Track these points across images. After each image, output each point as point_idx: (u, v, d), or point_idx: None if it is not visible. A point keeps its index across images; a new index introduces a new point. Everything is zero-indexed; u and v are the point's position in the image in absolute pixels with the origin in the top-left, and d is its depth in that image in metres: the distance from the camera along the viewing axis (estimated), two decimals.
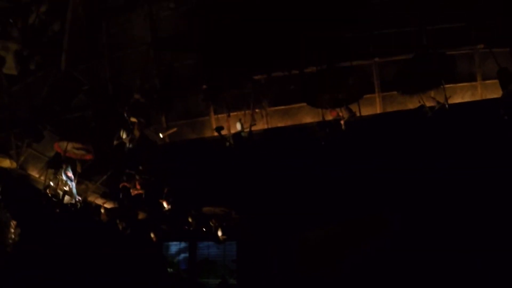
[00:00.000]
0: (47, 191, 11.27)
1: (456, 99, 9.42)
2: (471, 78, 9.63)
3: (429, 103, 8.80)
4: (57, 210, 11.27)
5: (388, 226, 11.30)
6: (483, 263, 9.30)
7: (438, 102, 8.67)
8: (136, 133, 9.72)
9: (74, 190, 11.36)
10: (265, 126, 10.51)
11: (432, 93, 8.88)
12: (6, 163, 12.09)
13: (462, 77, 9.51)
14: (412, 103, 9.25)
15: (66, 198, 11.40)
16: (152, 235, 13.51)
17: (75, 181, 11.35)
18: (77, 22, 10.50)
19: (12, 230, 10.86)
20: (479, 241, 9.39)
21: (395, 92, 9.44)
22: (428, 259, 9.90)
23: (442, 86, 8.59)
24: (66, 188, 11.28)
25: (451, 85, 9.13)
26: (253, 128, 9.63)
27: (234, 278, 15.01)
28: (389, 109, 9.99)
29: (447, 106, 8.48)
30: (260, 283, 14.08)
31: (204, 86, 9.79)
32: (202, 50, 9.85)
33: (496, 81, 8.10)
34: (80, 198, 11.71)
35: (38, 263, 11.74)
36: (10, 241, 10.77)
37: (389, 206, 11.06)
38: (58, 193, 11.22)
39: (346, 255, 12.18)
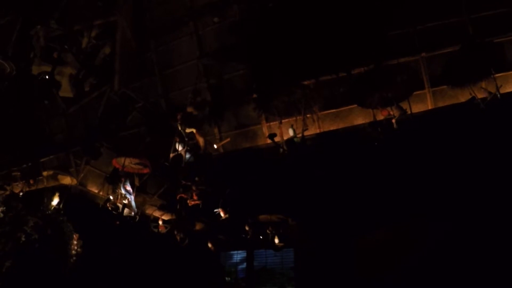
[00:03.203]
0: (107, 204, 12.41)
1: (509, 88, 9.46)
2: None
3: (480, 94, 9.03)
4: (117, 222, 12.40)
5: (444, 227, 11.18)
6: None
7: (489, 93, 8.89)
8: (201, 140, 10.54)
9: (133, 203, 12.47)
10: (317, 130, 10.96)
11: (483, 84, 9.08)
12: (67, 180, 13.70)
13: None
14: (463, 96, 9.47)
15: (126, 210, 12.45)
16: (209, 244, 14.15)
17: (133, 194, 12.43)
18: (127, 44, 11.59)
19: (75, 242, 12.10)
20: None
21: (445, 86, 9.77)
22: (488, 260, 9.69)
23: (492, 76, 8.80)
24: (125, 201, 12.37)
25: (502, 73, 9.24)
26: (306, 133, 10.13)
27: (292, 286, 15.15)
28: (440, 104, 10.15)
29: (499, 95, 8.70)
30: None
31: (255, 95, 10.42)
32: (249, 60, 10.39)
33: None
34: (138, 210, 12.75)
35: (99, 274, 12.87)
36: (73, 252, 12.00)
37: (445, 206, 10.88)
38: (118, 206, 12.28)
39: (403, 257, 12.15)
